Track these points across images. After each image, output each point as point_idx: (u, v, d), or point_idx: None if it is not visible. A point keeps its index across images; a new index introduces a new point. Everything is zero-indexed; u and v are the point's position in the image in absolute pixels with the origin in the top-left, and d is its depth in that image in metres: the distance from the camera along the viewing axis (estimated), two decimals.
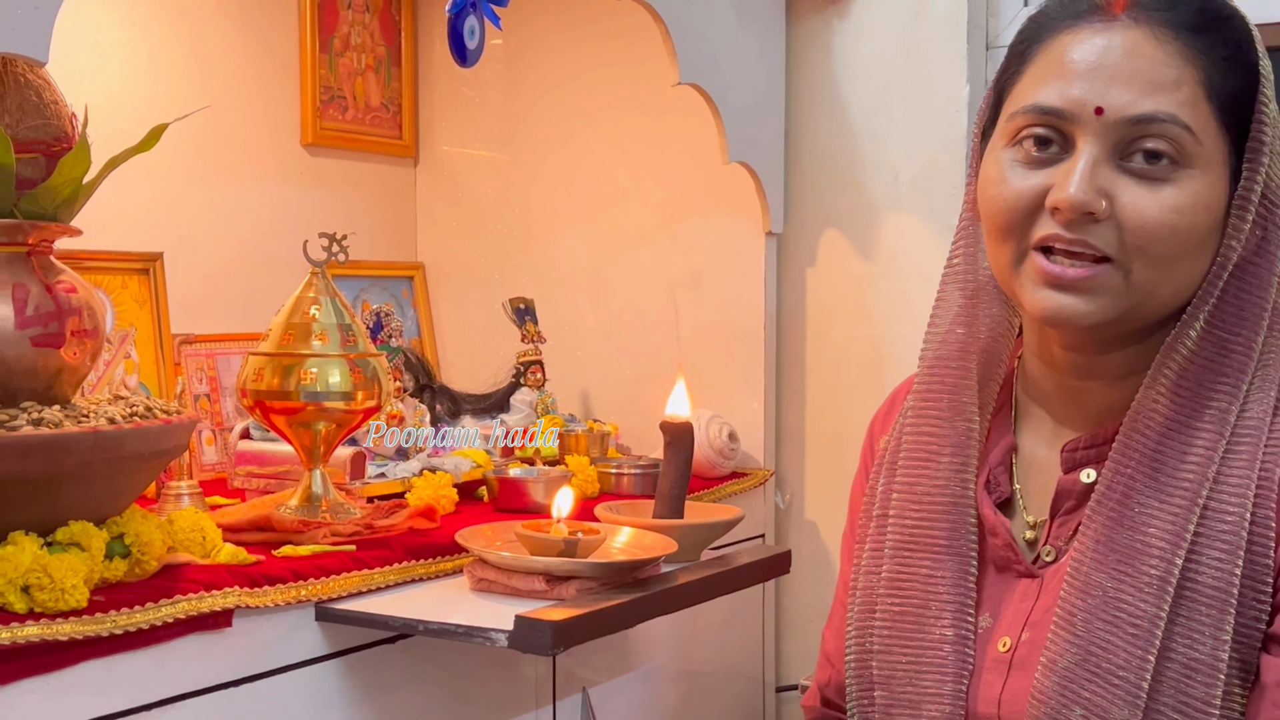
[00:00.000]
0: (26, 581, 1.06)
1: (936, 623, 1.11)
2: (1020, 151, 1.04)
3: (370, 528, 1.41)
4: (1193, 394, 1.03)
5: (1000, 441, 1.16)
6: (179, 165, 1.87)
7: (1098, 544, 1.03)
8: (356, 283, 2.12)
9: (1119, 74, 1.00)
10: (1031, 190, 1.03)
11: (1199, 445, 1.02)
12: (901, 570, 1.14)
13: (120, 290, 1.72)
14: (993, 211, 1.06)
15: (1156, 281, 1.01)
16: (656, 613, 1.35)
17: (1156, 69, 0.99)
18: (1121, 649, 1.00)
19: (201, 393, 1.82)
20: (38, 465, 1.08)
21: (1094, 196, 0.99)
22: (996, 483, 1.15)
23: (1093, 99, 1.00)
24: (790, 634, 2.13)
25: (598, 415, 2.12)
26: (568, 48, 2.16)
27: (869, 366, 2.05)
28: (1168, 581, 1.00)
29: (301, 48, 2.07)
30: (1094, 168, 1.00)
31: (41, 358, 1.15)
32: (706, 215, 2.06)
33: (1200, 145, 1.00)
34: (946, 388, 1.16)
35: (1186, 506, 1.01)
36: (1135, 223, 0.99)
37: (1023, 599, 1.10)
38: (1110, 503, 1.04)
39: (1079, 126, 1.01)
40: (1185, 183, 1.00)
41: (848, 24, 2.05)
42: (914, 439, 1.17)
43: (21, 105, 1.18)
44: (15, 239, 1.16)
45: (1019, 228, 1.04)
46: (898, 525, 1.16)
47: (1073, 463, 1.10)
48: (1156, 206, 0.99)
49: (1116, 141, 1.00)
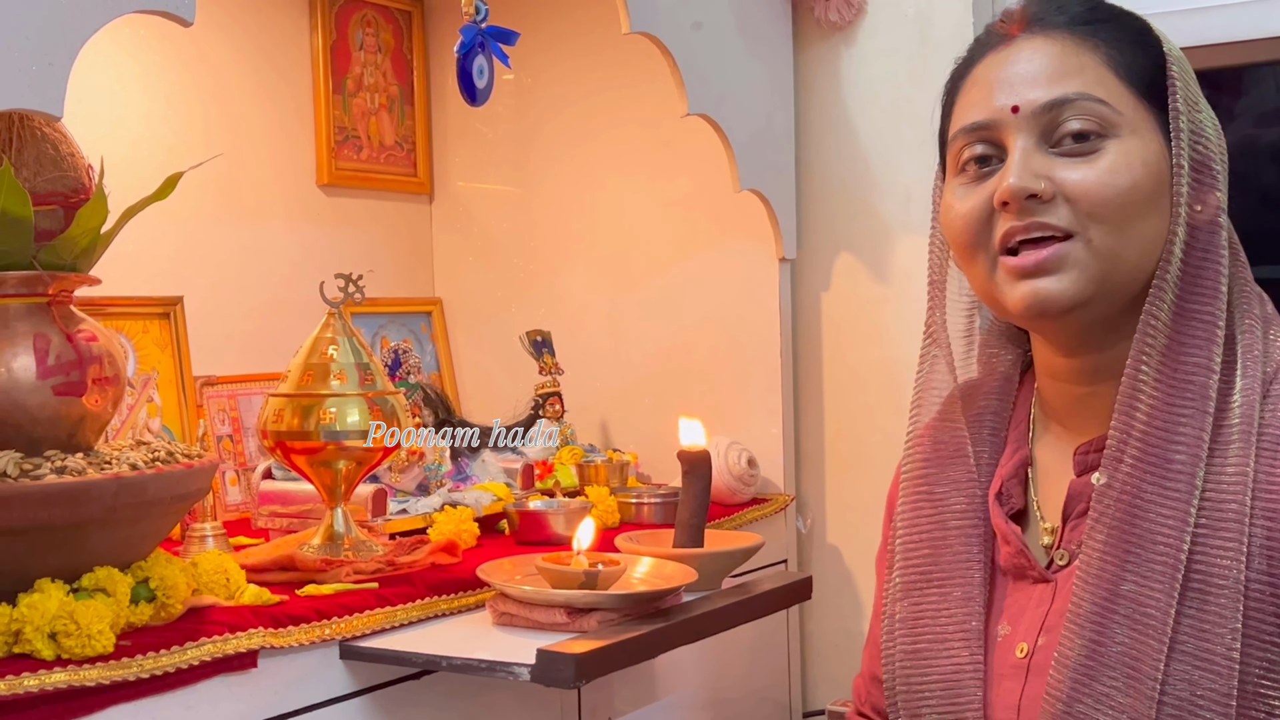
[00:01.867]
0: (54, 628, 1.07)
1: (950, 640, 1.14)
2: (965, 175, 1.11)
3: (393, 564, 1.42)
4: (1171, 372, 1.05)
5: (1015, 456, 1.19)
6: (198, 210, 1.90)
7: (1105, 539, 1.05)
8: (375, 320, 2.14)
9: (1026, 76, 1.08)
10: (981, 200, 1.09)
11: (1185, 426, 1.03)
12: (918, 589, 1.18)
13: (142, 335, 1.74)
14: (954, 232, 1.12)
15: (1118, 244, 1.05)
16: (678, 642, 1.35)
17: (1058, 61, 1.08)
18: (1132, 639, 1.01)
19: (224, 434, 1.84)
20: (62, 513, 1.10)
21: (1031, 179, 1.05)
22: (1009, 494, 1.17)
23: (1009, 101, 1.08)
24: (816, 658, 2.13)
25: (617, 445, 2.13)
26: (577, 80, 2.18)
27: (887, 388, 2.05)
28: (1175, 570, 1.01)
29: (315, 90, 2.09)
30: (1027, 157, 1.06)
31: (64, 406, 1.17)
32: (720, 243, 2.08)
33: (1120, 114, 1.06)
34: (929, 433, 1.23)
35: (1185, 490, 1.02)
36: (1080, 192, 1.05)
37: (1039, 604, 1.11)
38: (1112, 495, 1.05)
39: (1004, 130, 1.08)
40: (1115, 147, 1.05)
41: (854, 49, 2.07)
42: (909, 489, 1.22)
43: (39, 159, 1.20)
44: (35, 290, 1.18)
45: (980, 239, 1.09)
46: (917, 545, 1.19)
47: (1084, 466, 1.12)
48: (1094, 173, 1.05)
49: (1041, 130, 1.07)
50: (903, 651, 1.16)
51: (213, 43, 1.94)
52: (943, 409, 1.23)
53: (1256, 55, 1.95)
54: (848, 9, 2.05)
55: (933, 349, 1.24)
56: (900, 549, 1.20)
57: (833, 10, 2.05)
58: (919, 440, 1.23)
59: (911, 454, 1.23)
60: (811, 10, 2.06)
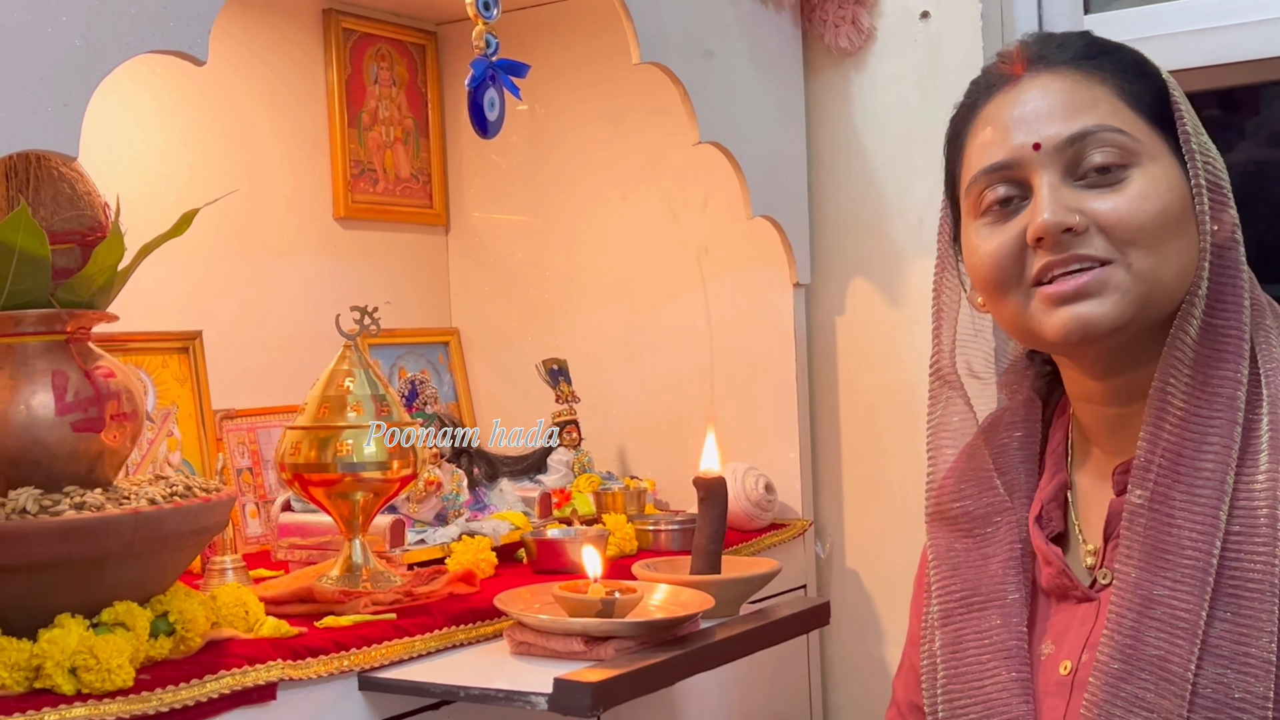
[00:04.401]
0: (74, 663, 1.08)
1: (995, 664, 1.14)
2: (989, 216, 1.12)
3: (411, 595, 1.42)
4: (1201, 386, 1.06)
5: (1053, 481, 1.20)
6: (216, 245, 1.92)
7: (1139, 550, 1.06)
8: (393, 351, 2.15)
9: (1042, 112, 1.09)
10: (1011, 239, 1.09)
11: (1215, 436, 1.04)
12: (953, 633, 1.18)
13: (161, 370, 1.76)
14: (984, 271, 1.12)
15: (1157, 266, 1.06)
16: (695, 670, 1.36)
17: (1071, 96, 1.09)
18: (1163, 642, 1.02)
19: (244, 467, 1.85)
20: (81, 548, 1.11)
21: (1066, 214, 1.06)
22: (1049, 518, 1.18)
23: (1029, 139, 1.08)
24: (837, 684, 2.12)
25: (635, 472, 2.13)
26: (589, 110, 2.19)
27: (904, 412, 2.05)
28: (1206, 574, 1.01)
29: (331, 124, 2.11)
30: (1056, 192, 1.07)
31: (82, 442, 1.18)
32: (734, 269, 2.08)
33: (1139, 142, 1.07)
34: (955, 472, 1.23)
35: (1213, 497, 1.03)
36: (1113, 220, 1.05)
37: (1083, 623, 1.12)
38: (1143, 505, 1.06)
39: (1028, 168, 1.08)
40: (1140, 174, 1.06)
41: (864, 75, 2.08)
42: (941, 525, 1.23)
43: (56, 198, 1.21)
44: (53, 328, 1.19)
45: (1012, 277, 1.10)
46: (957, 572, 1.20)
47: (1123, 485, 1.13)
48: (1126, 201, 1.06)
49: (1065, 165, 1.07)
50: (945, 675, 1.16)
51: (229, 79, 1.96)
52: (969, 446, 1.23)
53: (1269, 74, 1.96)
54: (857, 35, 2.06)
55: (944, 390, 1.25)
56: (937, 578, 1.21)
57: (842, 37, 2.06)
58: (945, 482, 1.24)
59: (940, 494, 1.24)
60: (821, 37, 2.07)
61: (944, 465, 1.25)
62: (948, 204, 1.20)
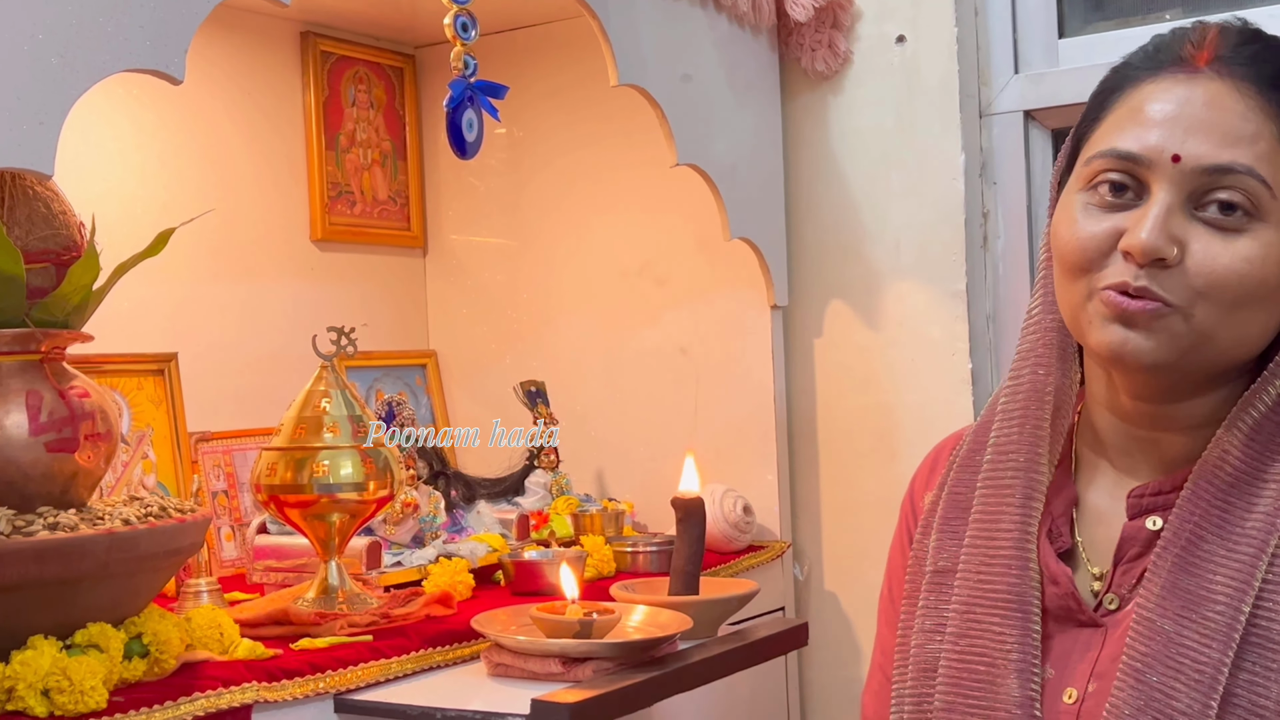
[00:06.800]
0: (46, 685, 1.07)
1: (1004, 682, 1.10)
2: (1095, 196, 1.05)
3: (387, 617, 1.41)
4: (1264, 446, 1.04)
5: (1061, 493, 1.15)
6: (192, 266, 1.91)
7: (1163, 590, 1.03)
8: (370, 373, 2.15)
9: (1198, 124, 1.00)
10: (1104, 232, 1.03)
11: (1268, 495, 1.02)
12: (972, 626, 1.12)
13: (136, 391, 1.75)
14: (1065, 252, 1.06)
15: (1216, 327, 1.01)
16: (673, 691, 1.35)
17: (1235, 121, 1.00)
18: (1184, 695, 0.99)
19: (219, 489, 1.84)
20: (54, 569, 1.10)
21: (1166, 242, 1.00)
22: (1058, 533, 1.14)
23: (1170, 146, 1.00)
24: (815, 706, 2.12)
25: (613, 494, 2.13)
26: (567, 132, 2.20)
27: (881, 434, 2.06)
28: (1234, 628, 0.99)
29: (308, 146, 2.11)
30: (1168, 214, 1.00)
31: (56, 463, 1.18)
32: (712, 291, 2.09)
33: (1275, 200, 1.00)
34: (1025, 439, 1.15)
35: (1254, 554, 1.01)
36: (1204, 269, 1.00)
37: (1087, 649, 1.09)
38: (1176, 549, 1.04)
39: (1155, 173, 1.01)
40: (1259, 234, 1.00)
41: (842, 98, 2.09)
42: (989, 491, 1.15)
43: (31, 217, 1.21)
44: (28, 347, 1.18)
45: (1090, 268, 1.04)
46: (965, 580, 1.13)
47: (1139, 509, 1.10)
48: (1228, 255, 0.99)
49: (1191, 191, 1.00)
50: (950, 673, 1.11)
51: (206, 100, 1.96)
52: (1037, 416, 1.14)
53: None
54: (834, 59, 2.07)
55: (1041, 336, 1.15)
56: (965, 562, 1.14)
57: (819, 60, 2.07)
58: (1011, 442, 1.14)
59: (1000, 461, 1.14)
60: (798, 61, 2.08)
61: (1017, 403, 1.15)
62: (1070, 146, 1.11)
